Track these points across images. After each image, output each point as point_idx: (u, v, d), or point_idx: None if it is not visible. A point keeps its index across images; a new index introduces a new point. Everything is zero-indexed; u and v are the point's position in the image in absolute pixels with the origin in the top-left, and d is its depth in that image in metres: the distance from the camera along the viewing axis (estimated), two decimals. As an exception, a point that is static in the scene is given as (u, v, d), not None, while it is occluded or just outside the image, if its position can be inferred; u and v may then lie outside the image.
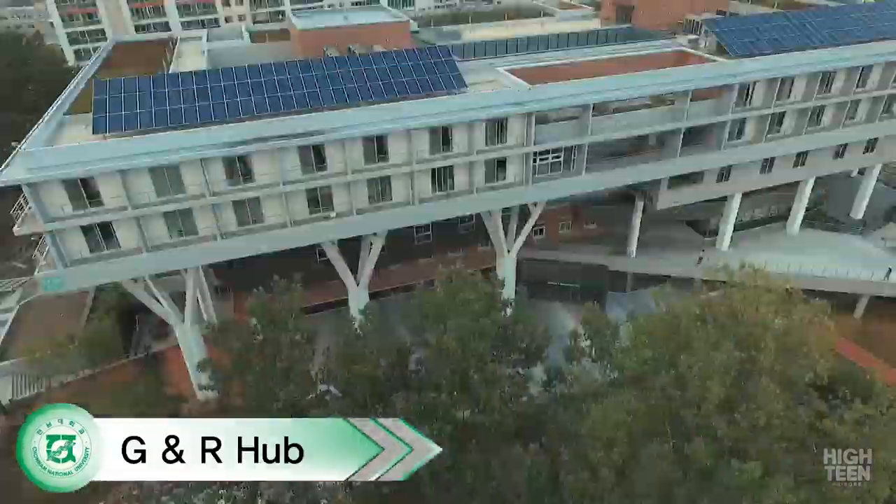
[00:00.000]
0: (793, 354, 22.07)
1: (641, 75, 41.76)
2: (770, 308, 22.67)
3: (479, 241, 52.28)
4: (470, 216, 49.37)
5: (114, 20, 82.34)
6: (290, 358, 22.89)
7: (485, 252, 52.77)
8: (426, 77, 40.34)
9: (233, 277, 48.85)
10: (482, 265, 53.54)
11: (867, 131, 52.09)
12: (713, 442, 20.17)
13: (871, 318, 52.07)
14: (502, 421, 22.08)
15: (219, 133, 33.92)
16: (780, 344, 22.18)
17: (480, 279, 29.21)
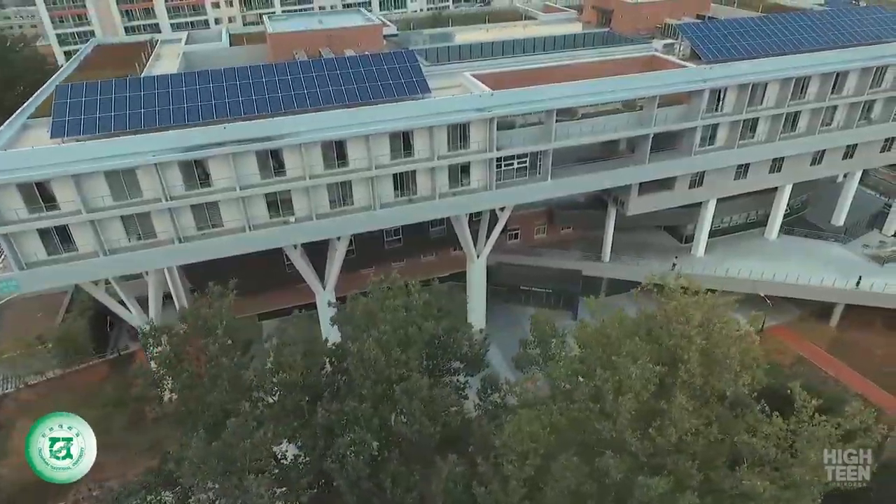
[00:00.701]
0: (717, 368, 21.83)
1: (606, 81, 41.57)
2: (695, 322, 22.42)
3: (452, 244, 52.19)
4: (441, 220, 49.49)
5: (104, 22, 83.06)
6: (220, 364, 22.98)
7: (457, 256, 52.67)
8: (390, 82, 40.34)
9: (203, 280, 49.03)
10: (454, 269, 53.78)
11: (844, 137, 51.51)
12: (629, 456, 20.03)
13: (846, 327, 51.53)
14: (423, 431, 22.04)
15: (175, 137, 34.11)
16: (704, 357, 21.97)
17: (417, 286, 29.05)
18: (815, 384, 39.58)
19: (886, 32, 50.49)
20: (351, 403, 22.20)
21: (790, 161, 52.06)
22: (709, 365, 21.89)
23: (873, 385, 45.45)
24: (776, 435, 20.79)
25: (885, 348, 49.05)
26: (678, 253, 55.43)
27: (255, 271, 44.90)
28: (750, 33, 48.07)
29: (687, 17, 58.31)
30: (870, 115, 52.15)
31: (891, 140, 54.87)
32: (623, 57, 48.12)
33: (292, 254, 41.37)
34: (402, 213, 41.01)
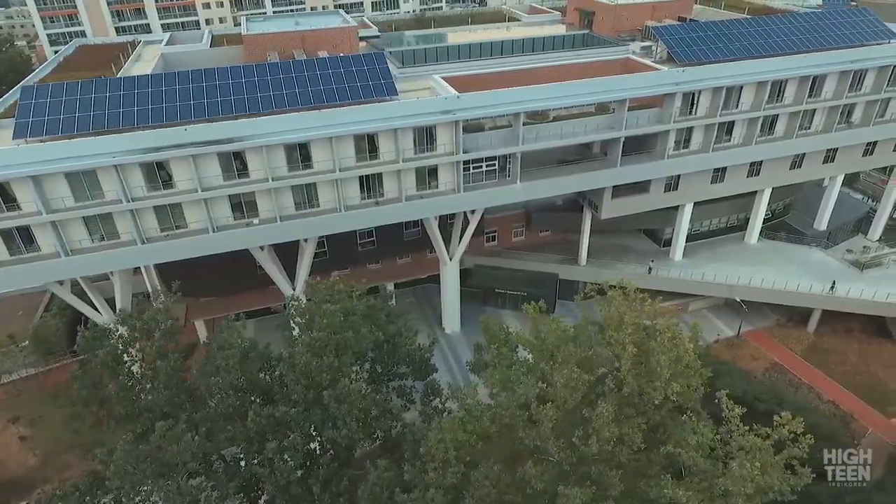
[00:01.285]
0: (649, 376, 21.62)
1: (575, 83, 41.34)
2: (628, 329, 22.21)
3: (427, 247, 52.06)
4: (415, 222, 49.42)
5: (94, 22, 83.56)
6: (155, 367, 23.00)
7: (433, 258, 52.53)
8: (357, 84, 40.28)
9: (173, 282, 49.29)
10: (431, 271, 53.69)
11: (824, 141, 50.99)
12: (554, 465, 19.88)
13: (824, 333, 51.05)
14: (352, 436, 21.95)
15: (135, 139, 34.21)
16: (637, 365, 21.78)
17: (361, 291, 28.96)
18: (780, 390, 39.47)
19: (867, 35, 49.99)
20: (282, 408, 22.20)
21: (769, 165, 51.61)
22: (643, 373, 21.68)
23: (846, 391, 45.01)
24: (705, 445, 20.56)
25: (861, 355, 48.61)
26: (657, 256, 55.08)
27: (231, 273, 45.10)
28: (726, 36, 47.69)
29: (668, 19, 57.87)
30: (850, 119, 51.60)
31: (873, 144, 54.31)
32: (597, 59, 47.89)
33: (259, 255, 41.43)
34: (368, 215, 40.95)
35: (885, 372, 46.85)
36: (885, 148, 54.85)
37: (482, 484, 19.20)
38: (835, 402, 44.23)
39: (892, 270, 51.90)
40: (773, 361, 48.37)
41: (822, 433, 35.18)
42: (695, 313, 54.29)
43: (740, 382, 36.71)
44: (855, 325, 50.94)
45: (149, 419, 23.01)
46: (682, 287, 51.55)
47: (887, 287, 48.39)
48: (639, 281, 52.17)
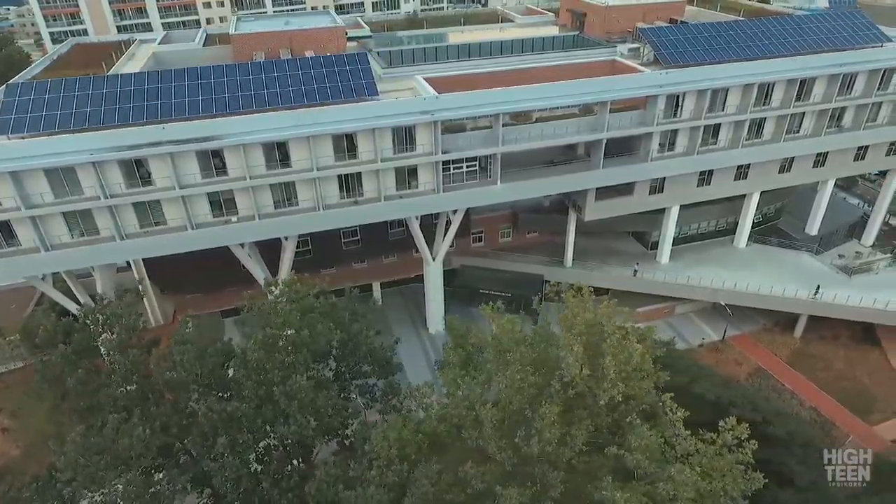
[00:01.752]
0: (596, 378, 21.59)
1: (556, 85, 41.28)
2: (576, 330, 22.20)
3: (413, 247, 52.15)
4: (400, 222, 49.59)
5: (96, 21, 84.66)
6: (114, 362, 23.34)
7: (419, 258, 52.57)
8: (338, 84, 40.53)
9: (162, 279, 49.96)
10: (417, 271, 53.77)
11: (812, 145, 50.52)
12: (498, 465, 19.94)
13: (811, 339, 50.57)
14: (303, 433, 22.15)
15: (113, 137, 34.68)
16: (587, 367, 21.76)
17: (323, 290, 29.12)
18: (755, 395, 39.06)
19: (859, 39, 49.50)
20: (234, 404, 22.45)
21: (756, 168, 51.23)
22: (593, 375, 21.65)
23: (829, 398, 44.62)
24: (653, 448, 20.48)
25: (846, 361, 48.11)
26: (644, 259, 54.81)
27: (218, 269, 45.45)
28: (713, 38, 47.42)
29: (660, 21, 57.59)
30: (840, 122, 51.10)
31: (864, 149, 53.72)
32: (583, 61, 47.76)
33: (239, 253, 41.79)
34: (347, 214, 41.18)
35: (870, 379, 46.36)
36: (877, 152, 54.22)
37: (421, 483, 19.34)
38: (816, 408, 43.90)
39: (882, 276, 51.34)
40: (756, 366, 48.00)
41: (798, 439, 35.28)
42: (681, 317, 54.06)
43: (717, 387, 36.41)
44: (842, 332, 50.39)
45: (109, 413, 23.35)
46: (666, 290, 51.28)
47: (874, 293, 47.86)
48: (624, 283, 52.78)
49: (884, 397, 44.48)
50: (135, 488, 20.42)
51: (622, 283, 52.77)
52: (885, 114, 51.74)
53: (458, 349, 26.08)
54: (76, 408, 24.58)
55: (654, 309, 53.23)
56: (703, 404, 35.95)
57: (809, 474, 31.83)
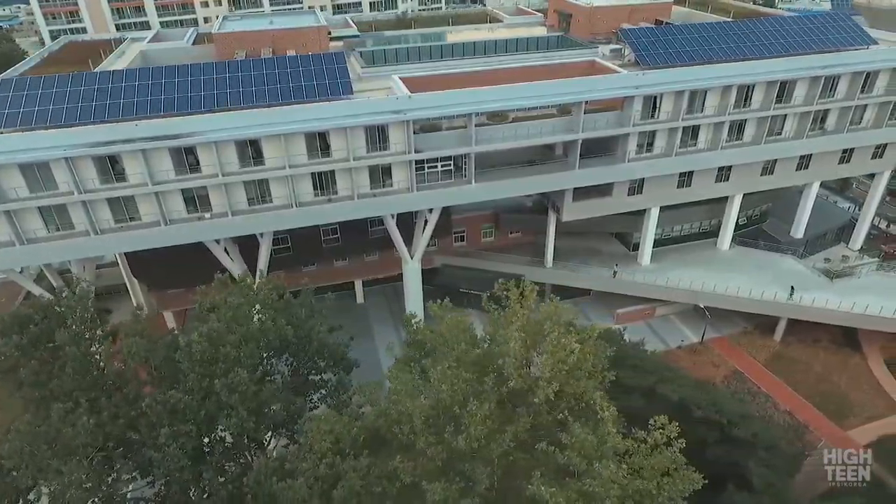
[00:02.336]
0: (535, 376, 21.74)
1: (528, 86, 41.37)
2: (513, 328, 22.38)
3: (393, 245, 52.43)
4: (380, 220, 49.84)
5: (95, 19, 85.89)
6: (66, 353, 23.83)
7: (400, 256, 52.82)
8: (313, 83, 40.93)
9: (146, 275, 50.52)
10: (398, 270, 54.00)
11: (794, 148, 50.24)
12: (429, 461, 20.15)
13: (791, 342, 50.30)
14: (243, 425, 22.52)
15: (86, 133, 35.28)
16: (524, 365, 21.93)
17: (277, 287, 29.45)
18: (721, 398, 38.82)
19: (843, 41, 49.13)
20: (177, 395, 22.89)
21: (738, 170, 51.05)
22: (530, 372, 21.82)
23: (804, 401, 44.42)
24: (587, 446, 20.55)
25: (825, 365, 47.83)
26: (625, 260, 54.77)
27: (200, 266, 45.74)
28: (694, 40, 47.32)
29: (645, 22, 57.47)
30: (823, 125, 50.77)
31: (849, 152, 53.34)
32: (562, 62, 47.82)
33: (214, 248, 42.30)
34: (321, 212, 41.56)
35: (848, 384, 46.04)
36: (862, 156, 53.83)
37: (350, 476, 19.63)
38: (791, 411, 43.69)
39: (864, 281, 50.92)
40: (733, 369, 47.87)
41: (763, 442, 35.17)
42: (662, 319, 53.98)
43: (682, 388, 36.36)
44: (823, 336, 50.07)
45: (62, 402, 23.84)
46: (645, 291, 51.22)
47: (855, 297, 47.52)
48: (603, 284, 52.76)
49: (860, 402, 44.17)
50: (78, 476, 20.87)
51: (601, 284, 52.84)
52: (869, 117, 51.34)
53: (414, 346, 26.35)
54: (31, 398, 25.15)
55: (634, 310, 53.19)
56: (666, 405, 36.07)
57: (769, 477, 31.74)
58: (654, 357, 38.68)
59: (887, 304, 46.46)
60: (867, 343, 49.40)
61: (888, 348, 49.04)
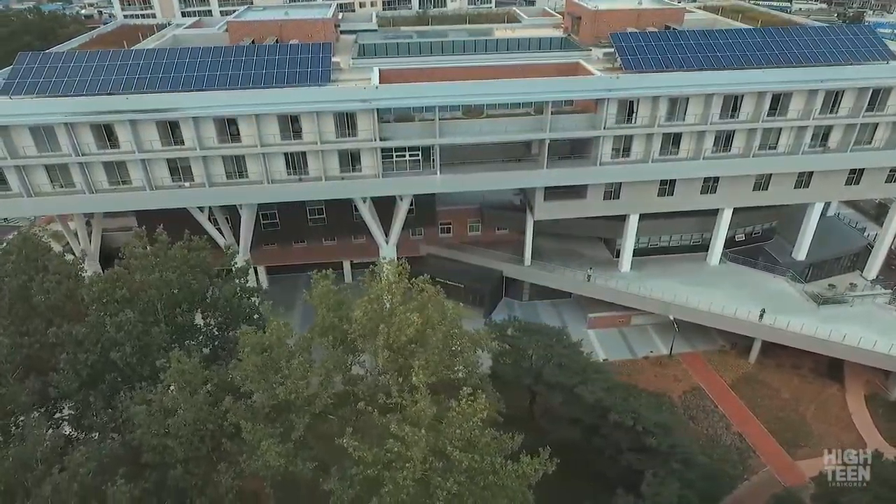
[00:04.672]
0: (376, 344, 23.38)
1: (493, 83, 42.57)
2: (367, 301, 24.08)
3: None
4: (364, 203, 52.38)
5: (164, 5, 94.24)
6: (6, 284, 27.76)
7: (388, 241, 54.86)
8: (296, 70, 44.09)
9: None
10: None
11: (788, 164, 48.01)
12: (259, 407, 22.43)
13: (767, 365, 48.24)
14: (129, 362, 25.57)
15: (83, 103, 40.07)
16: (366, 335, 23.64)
17: (197, 247, 32.46)
18: (637, 405, 37.53)
19: (857, 55, 46.36)
20: (77, 327, 26.26)
21: (726, 183, 49.42)
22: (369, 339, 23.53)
23: (760, 426, 42.75)
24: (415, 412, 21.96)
25: (796, 392, 45.62)
26: (608, 266, 54.22)
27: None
28: (684, 47, 46.42)
29: (654, 27, 56.35)
30: (826, 142, 48.15)
31: (859, 172, 50.19)
32: (547, 62, 48.46)
33: (198, 216, 46.34)
34: (291, 189, 44.58)
35: (815, 414, 43.75)
36: (875, 178, 50.46)
37: (188, 409, 22.15)
38: (742, 434, 42.24)
39: (856, 310, 47.82)
40: (695, 385, 46.61)
41: (679, 455, 34.57)
42: (638, 328, 53.15)
43: (603, 392, 36.16)
44: (806, 363, 47.63)
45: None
46: (616, 298, 50.66)
47: (839, 325, 44.93)
48: (577, 286, 52.75)
49: (820, 434, 41.96)
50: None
51: (575, 286, 52.81)
52: (882, 137, 48.13)
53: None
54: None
55: (607, 316, 52.76)
56: (582, 404, 36.33)
57: (657, 486, 31.39)
58: (585, 359, 38.67)
59: (870, 335, 43.64)
60: (852, 376, 46.54)
61: (873, 383, 46.04)
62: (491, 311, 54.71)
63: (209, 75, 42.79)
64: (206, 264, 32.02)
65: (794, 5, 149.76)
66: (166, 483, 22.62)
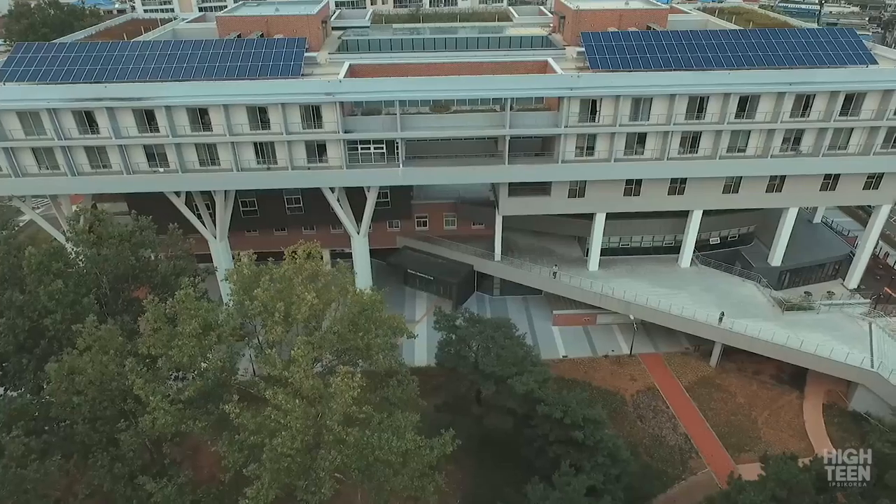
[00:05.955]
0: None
1: (455, 79, 43.45)
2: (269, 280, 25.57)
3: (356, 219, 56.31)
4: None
5: (183, 2, 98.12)
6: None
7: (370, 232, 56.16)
8: (269, 63, 46.10)
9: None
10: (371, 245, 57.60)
11: (758, 167, 47.47)
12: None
13: (728, 370, 47.90)
14: (56, 326, 27.72)
15: (65, 90, 42.74)
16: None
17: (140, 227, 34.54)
18: (570, 400, 37.64)
19: (835, 58, 45.61)
20: (19, 296, 28.53)
21: (695, 185, 49.16)
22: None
23: (708, 429, 42.65)
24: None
25: (751, 398, 45.23)
26: (579, 265, 54.48)
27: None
28: (652, 47, 46.45)
29: (636, 27, 56.19)
30: (798, 146, 47.45)
31: (834, 178, 49.26)
32: (514, 60, 49.10)
33: (175, 200, 48.70)
34: (260, 177, 46.49)
35: (767, 420, 43.33)
36: (851, 184, 49.42)
37: (95, 369, 24.16)
38: (688, 435, 42.23)
39: (822, 318, 47.00)
40: (650, 385, 46.65)
41: (605, 450, 34.95)
42: (603, 327, 53.28)
43: (536, 384, 36.70)
44: (768, 369, 47.15)
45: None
46: (579, 296, 50.95)
47: (801, 332, 44.43)
48: (542, 283, 53.29)
49: (768, 439, 41.60)
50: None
51: (541, 283, 53.30)
52: (858, 142, 47.16)
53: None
54: None
55: (572, 314, 53.10)
56: (514, 395, 37.02)
57: (569, 476, 31.89)
58: (525, 352, 39.18)
59: (831, 344, 43.03)
60: (813, 384, 45.86)
61: (835, 392, 45.24)
62: (460, 303, 55.64)
63: (185, 67, 45.09)
64: (152, 244, 34.14)
65: (825, 9, 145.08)
66: (75, 439, 24.67)
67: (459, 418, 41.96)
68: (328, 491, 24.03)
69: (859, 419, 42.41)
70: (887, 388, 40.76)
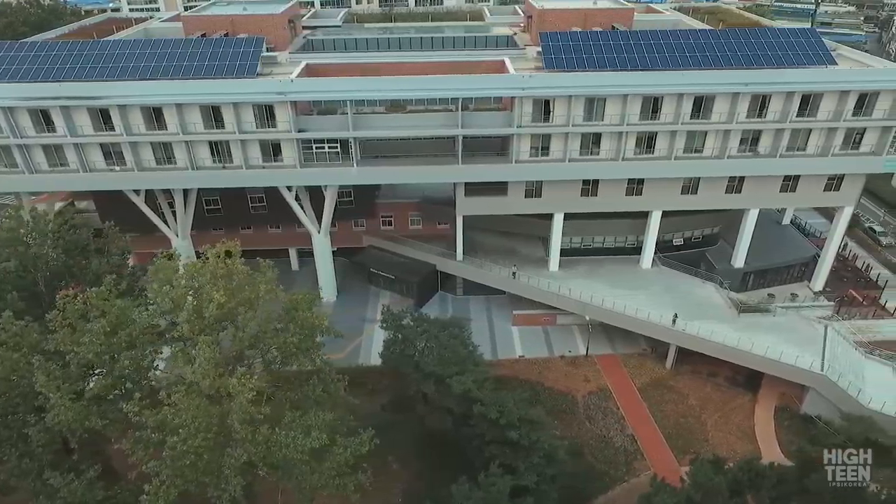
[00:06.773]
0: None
1: (408, 79, 43.60)
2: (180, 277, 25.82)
3: (317, 219, 56.57)
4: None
5: (168, 1, 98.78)
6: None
7: (334, 232, 56.30)
8: (225, 63, 46.26)
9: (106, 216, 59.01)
10: (337, 244, 57.87)
11: (713, 168, 47.26)
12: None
13: (683, 372, 47.64)
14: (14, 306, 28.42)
15: (21, 89, 43.23)
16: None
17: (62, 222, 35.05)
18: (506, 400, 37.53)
19: (795, 59, 45.09)
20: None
21: (652, 185, 48.97)
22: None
23: (656, 430, 42.49)
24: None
25: (703, 400, 45.01)
26: (541, 265, 54.38)
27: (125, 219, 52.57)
28: (611, 47, 46.23)
29: (601, 27, 55.94)
30: (756, 147, 47.15)
31: (794, 180, 48.90)
32: (471, 59, 49.14)
33: (134, 198, 49.11)
34: (215, 176, 46.81)
35: (716, 422, 43.10)
36: (811, 186, 49.04)
37: (3, 365, 24.64)
38: (635, 436, 42.12)
39: (777, 320, 46.72)
40: (603, 386, 46.51)
41: (539, 450, 34.95)
42: (563, 328, 53.09)
43: (474, 384, 36.71)
44: (723, 371, 46.74)
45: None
46: (538, 296, 50.87)
47: (752, 334, 44.11)
48: (501, 283, 53.25)
49: (713, 441, 41.41)
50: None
51: (500, 283, 53.24)
52: (817, 143, 46.80)
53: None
54: None
55: (531, 314, 52.98)
56: (452, 395, 37.09)
57: (494, 477, 31.89)
58: (467, 352, 39.21)
59: (784, 347, 42.73)
60: (768, 387, 45.51)
61: (788, 395, 44.92)
62: (422, 303, 55.73)
63: (144, 66, 45.34)
64: (86, 243, 34.59)
65: (820, 8, 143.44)
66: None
67: (405, 418, 42.37)
68: (234, 489, 24.26)
69: (810, 422, 42.10)
70: (836, 392, 40.45)
